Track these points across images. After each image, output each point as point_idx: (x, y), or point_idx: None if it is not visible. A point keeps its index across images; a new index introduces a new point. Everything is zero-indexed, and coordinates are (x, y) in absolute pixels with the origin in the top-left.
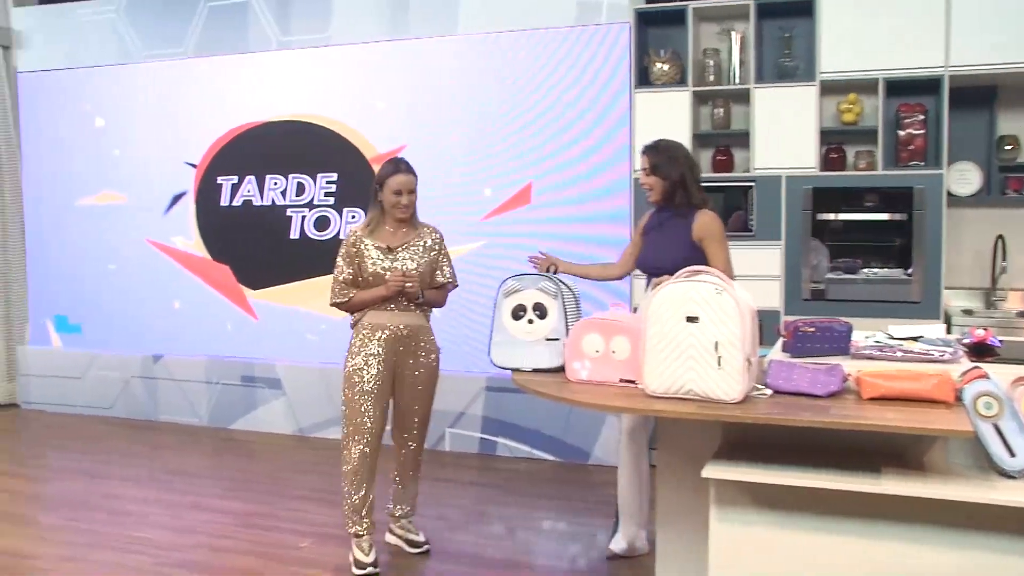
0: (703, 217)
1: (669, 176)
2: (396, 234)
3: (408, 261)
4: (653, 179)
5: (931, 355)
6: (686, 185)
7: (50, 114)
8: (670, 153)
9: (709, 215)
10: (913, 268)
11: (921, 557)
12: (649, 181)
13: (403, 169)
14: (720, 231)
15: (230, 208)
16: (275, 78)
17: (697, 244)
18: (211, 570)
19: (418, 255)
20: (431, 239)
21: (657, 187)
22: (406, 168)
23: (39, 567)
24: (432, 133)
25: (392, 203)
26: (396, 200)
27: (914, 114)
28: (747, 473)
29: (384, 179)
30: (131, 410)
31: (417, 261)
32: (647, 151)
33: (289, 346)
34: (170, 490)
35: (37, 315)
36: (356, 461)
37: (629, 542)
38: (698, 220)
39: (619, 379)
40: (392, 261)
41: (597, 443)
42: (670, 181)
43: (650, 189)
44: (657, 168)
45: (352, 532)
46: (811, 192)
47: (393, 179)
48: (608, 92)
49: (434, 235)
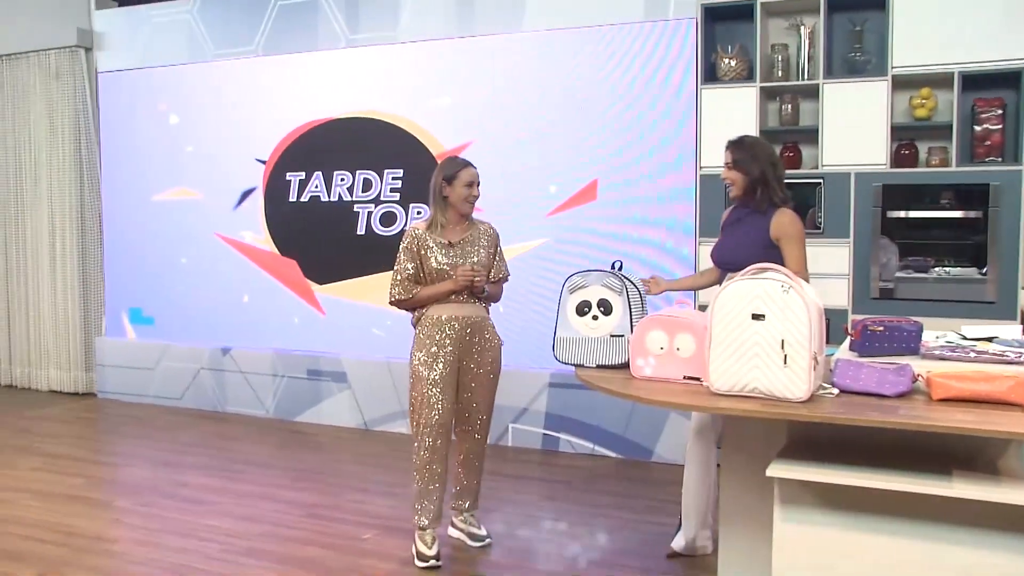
0: (782, 216)
1: (751, 172)
2: (456, 230)
3: (472, 256)
4: (735, 174)
5: (1006, 356)
6: (767, 182)
7: (127, 113)
8: (753, 150)
9: (788, 214)
10: (988, 267)
11: (991, 564)
12: (731, 175)
13: (468, 164)
14: (798, 231)
15: (298, 204)
16: (343, 75)
17: (774, 243)
18: (276, 558)
19: (480, 248)
20: (487, 235)
21: (739, 182)
22: (470, 163)
23: (115, 550)
24: (498, 130)
25: (464, 196)
26: (468, 193)
27: (991, 108)
28: (812, 473)
29: (456, 173)
30: (200, 401)
31: (479, 255)
32: (731, 146)
33: (355, 340)
34: (237, 479)
35: (113, 307)
36: (427, 454)
37: (689, 541)
38: (776, 219)
39: (683, 376)
40: (455, 257)
41: (660, 441)
42: (751, 177)
43: (732, 183)
44: (739, 163)
45: (417, 524)
46: (881, 189)
47: (465, 172)
48: (674, 88)
49: (490, 231)
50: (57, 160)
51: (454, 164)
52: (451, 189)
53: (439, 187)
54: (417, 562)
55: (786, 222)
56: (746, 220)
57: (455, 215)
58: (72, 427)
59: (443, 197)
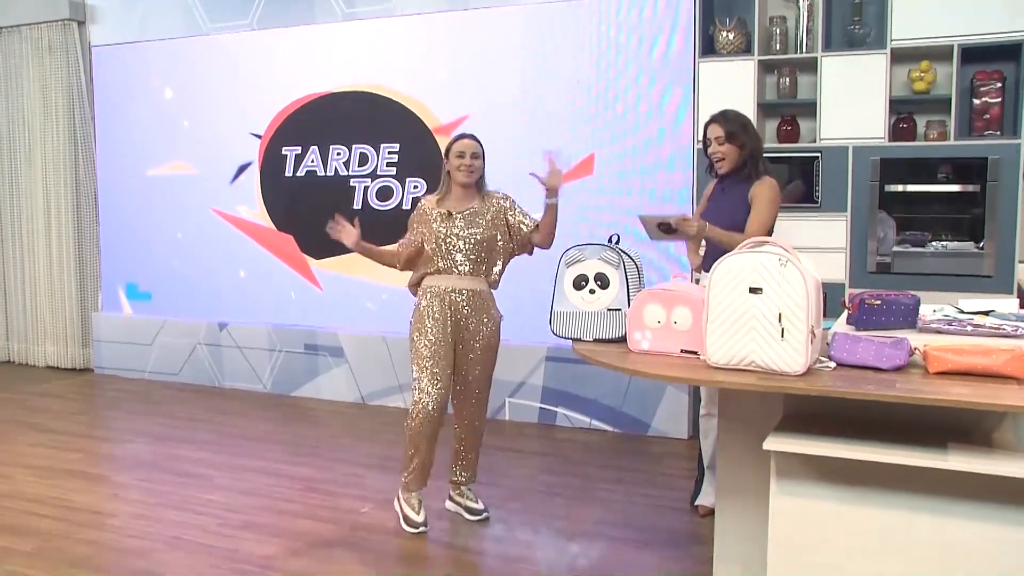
0: (761, 183)
1: (745, 145)
2: (461, 202)
3: (464, 228)
4: (727, 147)
5: (1003, 329)
6: (756, 156)
7: (122, 87)
8: (742, 121)
9: (768, 181)
10: (985, 241)
11: (987, 535)
12: (723, 150)
13: (466, 136)
14: (770, 195)
15: (294, 178)
16: (339, 49)
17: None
18: (273, 532)
19: (479, 221)
20: (495, 204)
21: (731, 155)
22: (469, 136)
23: (112, 524)
24: (494, 103)
25: (455, 165)
26: (459, 162)
27: (991, 82)
28: (809, 446)
29: (450, 145)
30: (197, 376)
31: (478, 227)
32: (719, 120)
33: (352, 315)
34: (234, 454)
35: (109, 282)
36: (416, 422)
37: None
38: (756, 185)
39: (680, 350)
40: (454, 227)
41: (656, 414)
42: (746, 151)
43: (723, 158)
44: (733, 136)
45: (403, 488)
46: (879, 163)
47: (456, 143)
48: (672, 62)
49: (499, 199)
50: (51, 135)
51: (452, 138)
52: (448, 162)
53: (443, 159)
54: (406, 527)
55: (761, 187)
56: (730, 192)
57: (458, 187)
58: (70, 403)
59: (446, 171)
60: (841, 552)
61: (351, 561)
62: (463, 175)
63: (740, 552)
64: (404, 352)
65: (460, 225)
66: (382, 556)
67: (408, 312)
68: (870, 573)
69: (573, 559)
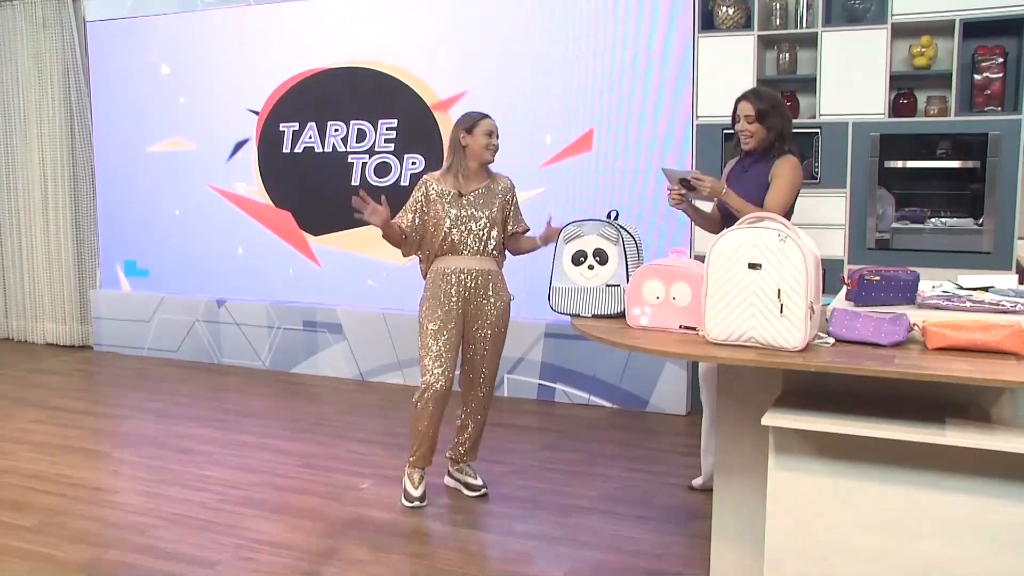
0: (783, 161)
1: (774, 126)
2: (471, 181)
3: (476, 209)
4: (756, 127)
5: (1002, 305)
6: (784, 137)
7: (118, 62)
8: (774, 102)
9: (790, 160)
10: (985, 217)
11: (984, 510)
12: (751, 129)
13: (486, 116)
14: (791, 173)
15: (292, 155)
16: (336, 24)
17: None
18: (273, 508)
19: (489, 202)
20: (503, 187)
21: (758, 135)
22: (487, 115)
23: (115, 500)
24: (492, 79)
25: (484, 145)
26: (488, 142)
27: (992, 57)
28: (807, 422)
29: (474, 123)
30: (196, 353)
31: (489, 208)
32: (751, 98)
33: (350, 291)
34: (234, 430)
35: (108, 260)
36: (423, 401)
37: (707, 477)
38: (777, 163)
39: (679, 326)
40: (465, 207)
41: (655, 390)
42: (774, 131)
43: (750, 136)
44: (764, 116)
45: (409, 464)
46: (879, 139)
47: (484, 122)
48: (671, 37)
49: (507, 185)
50: (47, 111)
51: (473, 116)
52: (471, 138)
53: (457, 137)
54: (404, 502)
55: (782, 164)
56: (751, 170)
57: (474, 166)
58: (69, 380)
59: (462, 147)
60: (839, 527)
61: (350, 537)
62: (490, 153)
63: (738, 527)
64: (403, 328)
65: (472, 205)
66: (381, 532)
67: (407, 288)
68: (868, 548)
69: (572, 534)
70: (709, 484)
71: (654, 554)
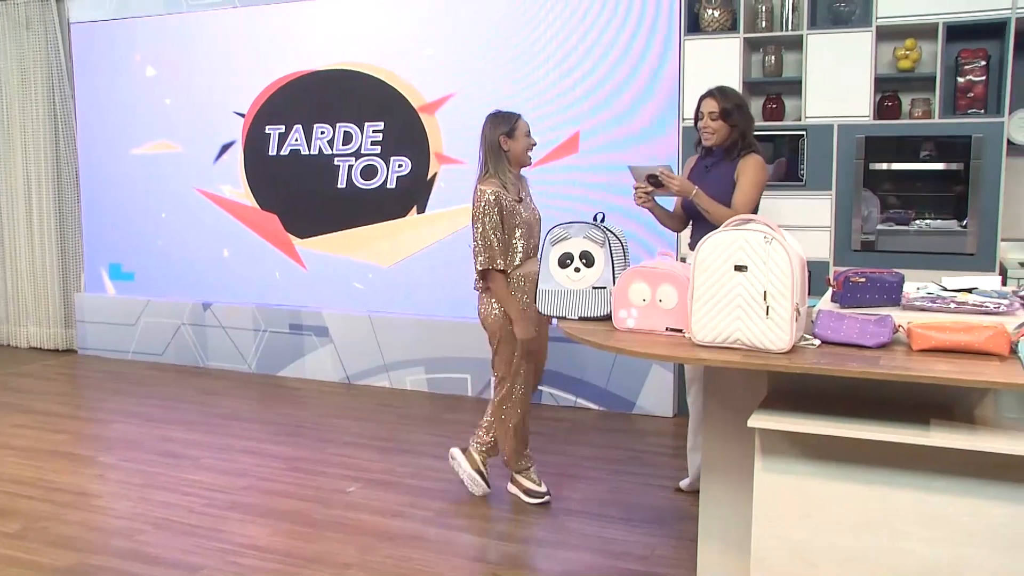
0: (748, 159)
1: (737, 124)
2: (517, 185)
3: (534, 211)
4: (719, 124)
5: (986, 307)
6: (745, 133)
7: (102, 64)
8: (738, 101)
9: (755, 158)
10: (968, 219)
11: (969, 510)
12: (714, 126)
13: (521, 117)
14: (756, 171)
15: (278, 157)
16: (323, 26)
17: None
18: (259, 512)
19: (532, 199)
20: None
21: (721, 132)
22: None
23: (99, 505)
24: (479, 81)
25: (527, 145)
26: (529, 143)
27: (975, 60)
28: (793, 423)
29: (515, 124)
30: (181, 356)
31: (536, 206)
32: (716, 95)
33: (336, 294)
34: (220, 434)
35: (92, 263)
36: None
37: (694, 479)
38: (742, 161)
39: (665, 328)
40: (527, 212)
41: (642, 393)
42: (737, 130)
43: (712, 133)
44: (727, 114)
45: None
46: (863, 141)
47: (521, 122)
48: (657, 39)
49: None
50: (31, 113)
51: (508, 117)
52: (513, 142)
53: (497, 143)
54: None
55: (747, 162)
56: (714, 170)
57: (515, 168)
58: (53, 384)
59: (504, 151)
60: (825, 528)
61: (337, 541)
62: (530, 158)
63: (725, 529)
64: (390, 331)
65: (530, 207)
66: (368, 535)
67: (393, 291)
68: (854, 549)
69: (559, 537)
70: (696, 486)
71: (641, 556)
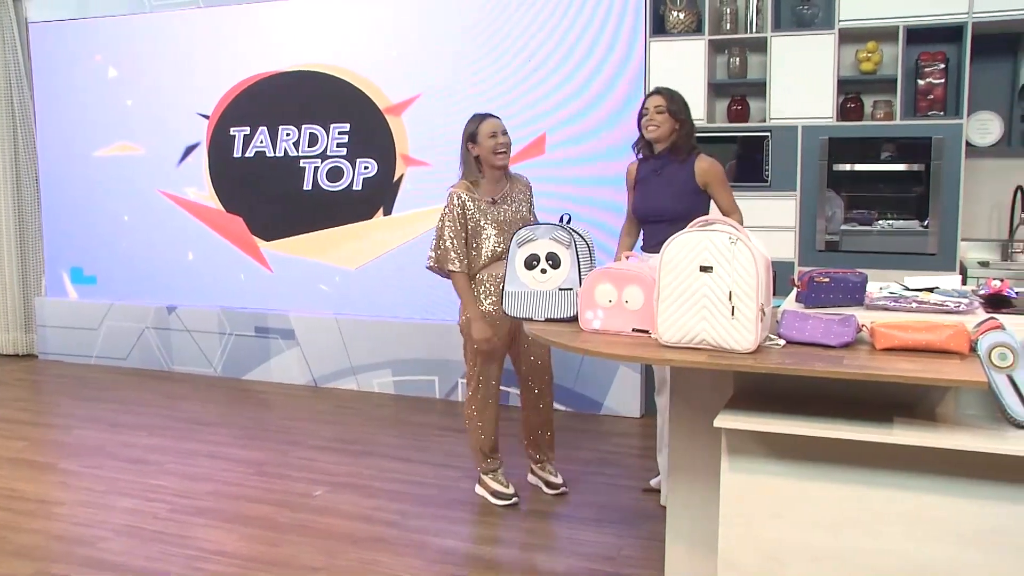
0: (703, 162)
1: (682, 124)
2: (497, 186)
3: (512, 212)
4: (664, 117)
5: (946, 306)
6: (688, 132)
7: (62, 65)
8: (684, 103)
9: (708, 160)
10: (929, 220)
11: (932, 507)
12: (660, 119)
13: (488, 115)
14: (722, 173)
15: (243, 159)
16: (288, 27)
17: (700, 188)
18: (225, 517)
19: (521, 203)
20: (526, 188)
21: (665, 126)
22: (491, 115)
23: (61, 513)
24: (445, 83)
25: (491, 147)
26: (494, 143)
27: (935, 63)
28: (759, 423)
29: (476, 128)
30: (145, 360)
31: (521, 207)
32: (664, 93)
33: (303, 297)
34: (185, 439)
35: (53, 267)
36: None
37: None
38: (698, 165)
39: (632, 329)
40: (499, 213)
41: (609, 394)
42: (680, 130)
43: (657, 127)
44: (675, 113)
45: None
46: (827, 142)
47: (485, 123)
48: (623, 41)
49: (527, 184)
50: None
51: (474, 120)
52: (477, 147)
53: (466, 149)
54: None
55: (709, 167)
56: (666, 170)
57: (491, 171)
58: (13, 390)
59: (474, 157)
60: (792, 527)
61: (304, 545)
62: (501, 158)
63: (692, 529)
64: (357, 333)
65: (507, 209)
66: (335, 539)
67: (360, 293)
68: (821, 547)
69: (526, 538)
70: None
71: (608, 557)
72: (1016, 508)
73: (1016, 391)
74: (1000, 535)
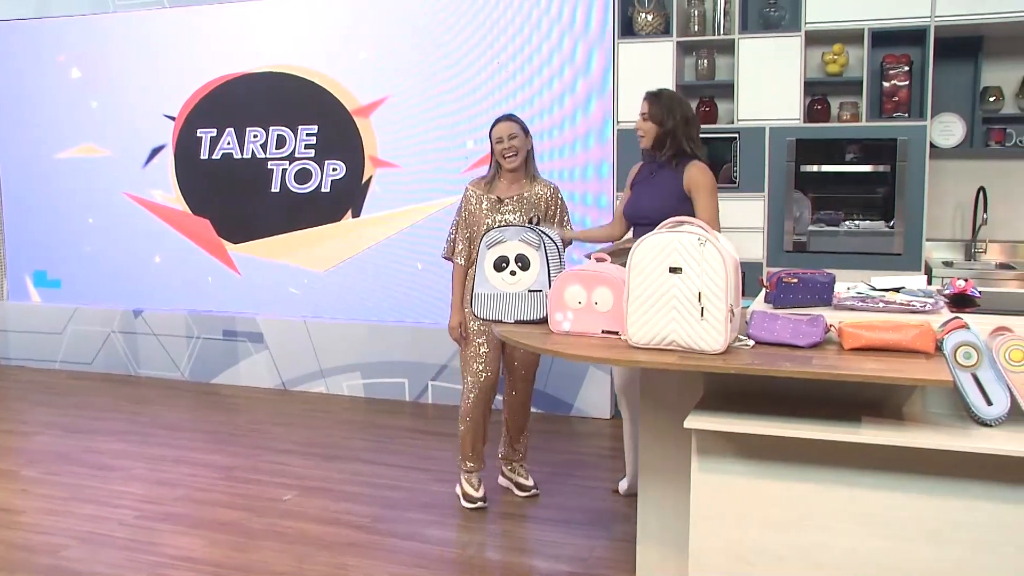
0: (692, 169)
1: (663, 124)
2: (511, 187)
3: (509, 215)
4: (648, 125)
5: (912, 306)
6: (676, 137)
7: (24, 65)
8: (668, 103)
9: (699, 166)
10: (895, 220)
11: (900, 505)
12: (643, 126)
13: (502, 119)
14: (709, 183)
15: (209, 161)
16: (255, 28)
17: (686, 195)
18: (194, 523)
19: (523, 209)
20: (546, 192)
21: (649, 133)
22: (506, 117)
23: (23, 521)
24: (414, 84)
25: (498, 152)
26: (499, 148)
27: (899, 65)
28: (729, 423)
29: (490, 131)
30: (112, 365)
31: (528, 214)
32: (649, 97)
33: (271, 300)
34: (152, 444)
35: (15, 271)
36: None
37: (631, 483)
38: (687, 171)
39: (602, 330)
40: (504, 212)
41: (579, 395)
42: (663, 129)
43: (643, 135)
44: (654, 116)
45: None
46: (795, 144)
47: (495, 128)
48: (592, 43)
49: (548, 189)
50: None
51: (493, 123)
52: (493, 149)
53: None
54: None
55: (696, 174)
56: (658, 175)
57: (507, 172)
58: None
59: (494, 159)
60: (762, 527)
61: (273, 550)
62: (509, 161)
63: (663, 530)
64: (325, 336)
65: (510, 211)
66: (305, 543)
67: (329, 296)
68: (791, 546)
69: (495, 540)
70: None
71: (579, 558)
72: (983, 505)
73: (980, 389)
74: (967, 532)
